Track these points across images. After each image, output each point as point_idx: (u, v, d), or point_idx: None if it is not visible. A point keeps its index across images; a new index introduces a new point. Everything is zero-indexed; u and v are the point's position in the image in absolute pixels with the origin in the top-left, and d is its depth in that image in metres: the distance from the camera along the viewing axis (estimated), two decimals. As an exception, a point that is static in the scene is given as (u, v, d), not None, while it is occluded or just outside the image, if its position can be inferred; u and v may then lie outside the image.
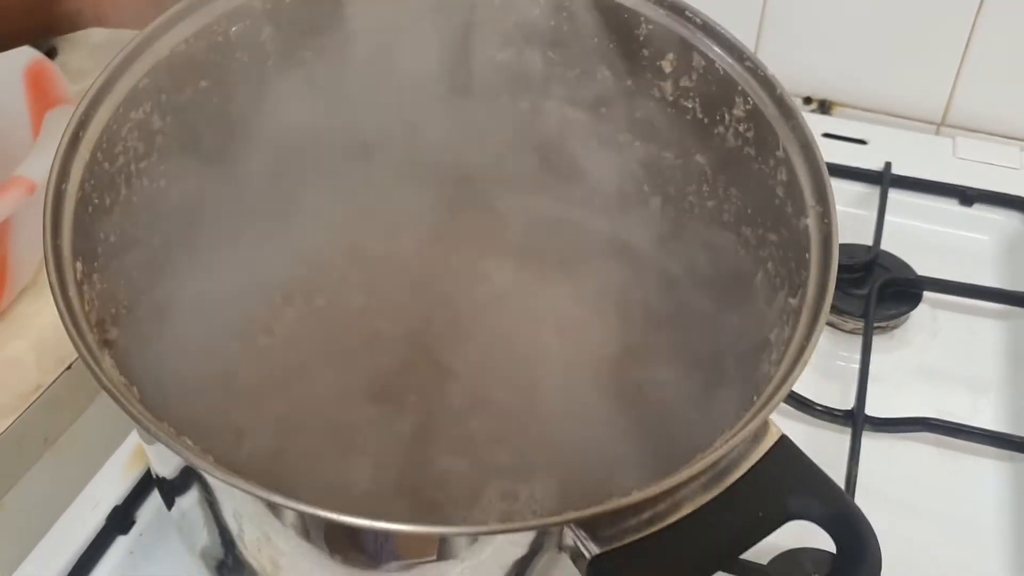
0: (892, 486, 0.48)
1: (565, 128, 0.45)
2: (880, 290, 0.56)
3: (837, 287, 0.56)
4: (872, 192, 0.63)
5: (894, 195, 0.62)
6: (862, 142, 0.67)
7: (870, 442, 0.50)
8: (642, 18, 0.42)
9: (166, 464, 0.38)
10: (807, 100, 0.72)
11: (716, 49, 0.41)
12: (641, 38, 0.43)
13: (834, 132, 0.67)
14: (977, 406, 0.52)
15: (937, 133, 0.70)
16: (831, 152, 0.65)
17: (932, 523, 0.47)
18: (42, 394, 0.49)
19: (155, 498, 0.46)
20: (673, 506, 0.28)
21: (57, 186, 0.35)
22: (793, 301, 0.36)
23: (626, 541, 0.27)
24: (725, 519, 0.28)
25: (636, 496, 0.28)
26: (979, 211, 0.62)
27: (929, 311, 0.57)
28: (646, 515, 0.28)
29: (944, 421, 0.50)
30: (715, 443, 0.29)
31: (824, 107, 0.72)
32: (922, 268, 0.58)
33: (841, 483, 0.46)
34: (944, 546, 0.46)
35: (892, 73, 0.69)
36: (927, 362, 0.55)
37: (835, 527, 0.29)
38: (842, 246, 0.59)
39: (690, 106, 0.43)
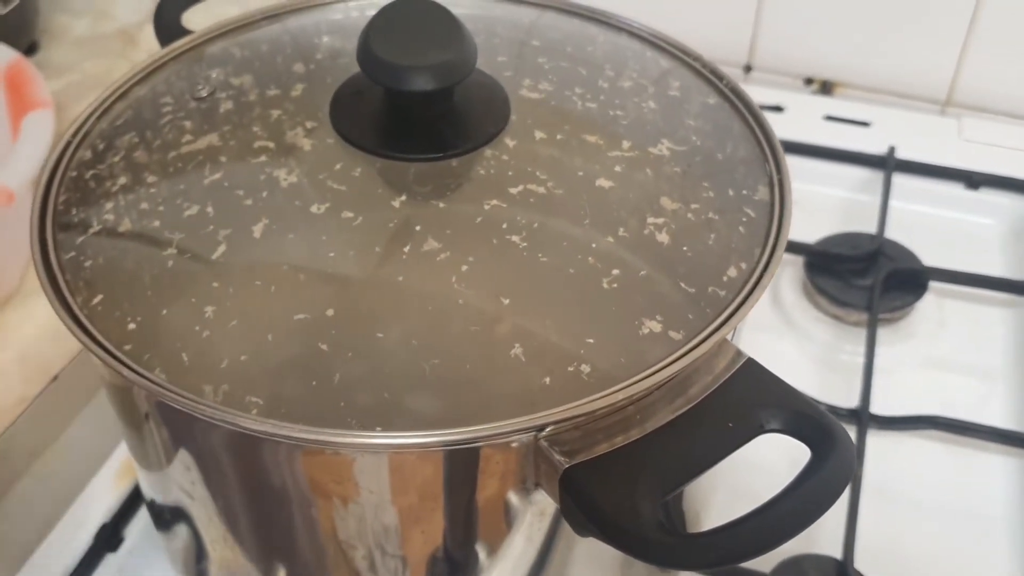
0: (899, 483, 0.47)
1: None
2: (885, 280, 0.54)
3: (840, 278, 0.56)
4: (876, 177, 0.61)
5: (898, 180, 0.61)
6: (865, 124, 0.65)
7: (876, 439, 0.48)
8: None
9: (156, 487, 0.38)
10: (808, 81, 0.71)
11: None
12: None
13: (836, 115, 0.66)
14: (986, 399, 0.51)
15: (942, 113, 0.69)
16: (833, 136, 0.64)
17: (941, 520, 0.46)
18: (27, 408, 0.48)
19: (144, 515, 0.45)
20: (641, 421, 0.29)
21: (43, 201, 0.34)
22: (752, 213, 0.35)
23: (596, 453, 0.28)
24: (695, 431, 0.29)
25: (597, 398, 0.28)
26: (986, 195, 0.61)
27: (936, 301, 0.55)
28: (614, 427, 0.29)
29: (951, 419, 0.49)
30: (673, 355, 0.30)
31: (826, 88, 0.70)
32: (927, 255, 0.56)
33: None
34: (953, 543, 0.45)
35: (895, 50, 0.68)
36: (934, 354, 0.53)
37: (806, 433, 0.29)
38: (845, 235, 0.59)
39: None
